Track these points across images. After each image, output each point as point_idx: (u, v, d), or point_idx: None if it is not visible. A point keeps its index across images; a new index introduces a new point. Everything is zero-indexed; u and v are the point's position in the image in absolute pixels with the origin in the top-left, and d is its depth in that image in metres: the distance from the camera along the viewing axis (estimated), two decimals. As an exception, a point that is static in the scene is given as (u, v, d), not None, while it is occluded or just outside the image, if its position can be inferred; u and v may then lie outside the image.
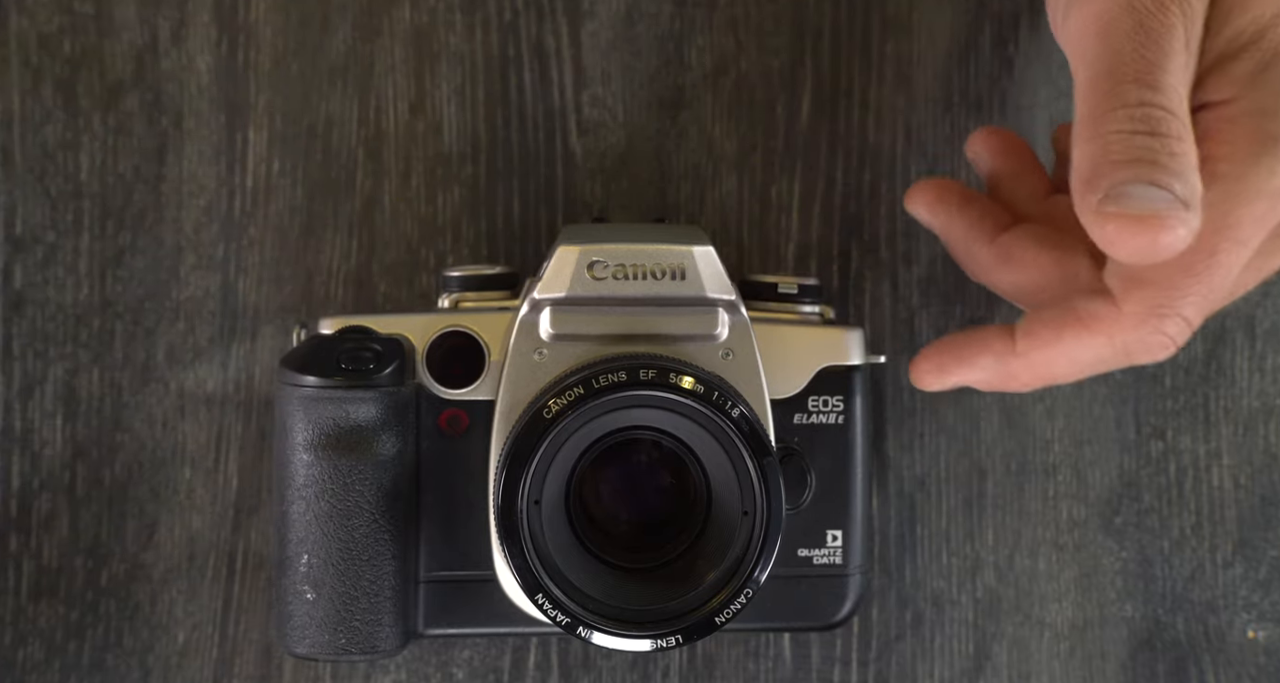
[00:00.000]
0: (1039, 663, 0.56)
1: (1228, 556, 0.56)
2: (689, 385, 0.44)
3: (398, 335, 0.48)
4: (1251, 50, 0.42)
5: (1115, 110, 0.40)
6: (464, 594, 0.49)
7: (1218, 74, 0.43)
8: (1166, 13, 0.41)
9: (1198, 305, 0.43)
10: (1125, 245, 0.39)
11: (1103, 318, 0.44)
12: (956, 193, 0.50)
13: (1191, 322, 0.43)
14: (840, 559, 0.50)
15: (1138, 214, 0.39)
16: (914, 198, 0.50)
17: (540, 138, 0.55)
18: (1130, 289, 0.43)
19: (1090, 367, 0.46)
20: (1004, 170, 0.51)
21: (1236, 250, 0.42)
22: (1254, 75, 0.42)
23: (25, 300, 0.55)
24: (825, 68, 0.56)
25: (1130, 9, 0.41)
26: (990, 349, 0.47)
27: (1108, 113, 0.40)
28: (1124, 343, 0.44)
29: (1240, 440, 0.56)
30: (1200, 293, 0.43)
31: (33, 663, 0.54)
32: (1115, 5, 0.42)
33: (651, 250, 0.47)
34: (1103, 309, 0.44)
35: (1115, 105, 0.40)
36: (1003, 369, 0.47)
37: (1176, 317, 0.43)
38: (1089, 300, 0.44)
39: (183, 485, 0.55)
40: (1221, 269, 0.42)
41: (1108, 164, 0.40)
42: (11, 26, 0.55)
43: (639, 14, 0.56)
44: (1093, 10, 0.42)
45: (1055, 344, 0.45)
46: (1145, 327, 0.43)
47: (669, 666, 0.55)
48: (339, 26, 0.55)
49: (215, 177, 0.55)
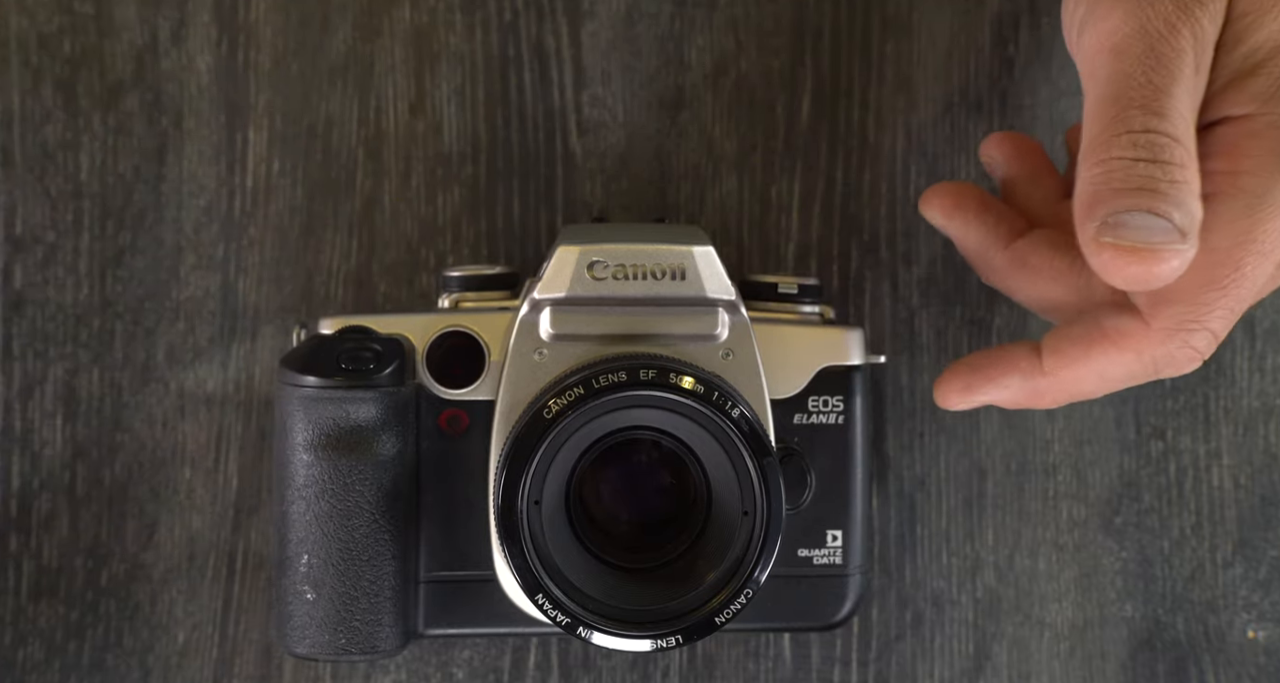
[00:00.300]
0: (1039, 663, 0.56)
1: (1228, 556, 0.56)
2: (689, 385, 0.44)
3: (398, 335, 0.48)
4: (1270, 66, 0.43)
5: (1120, 136, 0.41)
6: (464, 594, 0.49)
7: (1236, 89, 0.43)
8: (1177, 36, 0.42)
9: (1224, 318, 0.43)
10: (1120, 274, 0.40)
11: (1132, 334, 0.44)
12: (973, 198, 0.49)
13: (1218, 334, 0.44)
14: (840, 559, 0.50)
15: (1131, 246, 0.40)
16: (930, 202, 0.50)
17: (540, 138, 0.55)
18: (1158, 305, 0.44)
19: (1118, 383, 0.46)
20: (1019, 175, 0.50)
21: (1261, 262, 0.43)
22: (1275, 91, 0.43)
23: (25, 300, 0.55)
24: (825, 68, 0.56)
25: (1142, 32, 0.42)
26: (1017, 368, 0.47)
27: (1112, 138, 0.41)
28: (1153, 359, 0.44)
29: (1240, 440, 0.56)
30: (1227, 306, 0.43)
31: (33, 663, 0.54)
32: (1127, 27, 0.42)
33: (651, 250, 0.47)
34: (1131, 326, 0.44)
35: (1120, 131, 0.41)
36: (1030, 388, 0.47)
37: (1204, 331, 0.44)
38: (1116, 317, 0.45)
39: (183, 485, 0.55)
40: (1247, 281, 0.43)
41: (1108, 191, 0.40)
42: (11, 26, 0.55)
43: (639, 14, 0.56)
44: (1106, 29, 0.43)
45: (1084, 362, 0.45)
46: (1174, 342, 0.44)
47: (669, 666, 0.55)
48: (339, 26, 0.55)
49: (215, 177, 0.55)
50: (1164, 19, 0.42)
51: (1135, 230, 0.40)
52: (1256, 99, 0.43)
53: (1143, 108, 0.41)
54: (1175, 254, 0.40)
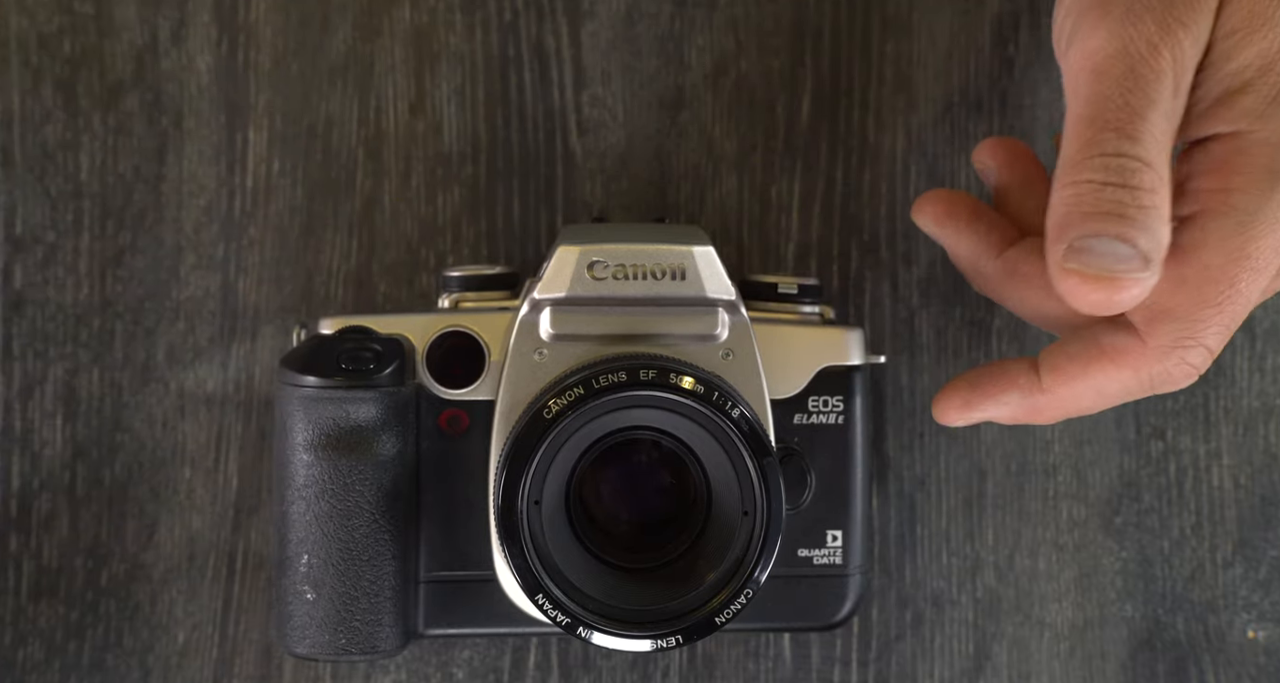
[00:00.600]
0: (1039, 663, 0.56)
1: (1228, 556, 0.56)
2: (689, 386, 0.44)
3: (398, 335, 0.48)
4: (1259, 84, 0.43)
5: (1092, 158, 0.41)
6: (464, 594, 0.49)
7: (1225, 106, 0.43)
8: (1158, 58, 0.42)
9: (1220, 335, 0.44)
10: (1082, 300, 0.41)
11: (1129, 352, 0.45)
12: (965, 206, 0.49)
13: (1214, 350, 0.44)
14: (840, 559, 0.50)
15: (1094, 274, 0.41)
16: (921, 210, 0.50)
17: (540, 138, 0.55)
18: (1154, 322, 0.44)
19: (1116, 399, 0.46)
20: (1012, 182, 0.50)
21: (1255, 278, 0.43)
22: (1264, 108, 0.43)
23: (25, 300, 0.55)
24: (825, 68, 0.56)
25: (1123, 53, 0.42)
26: (1016, 385, 0.47)
27: (1084, 161, 0.42)
28: (1150, 375, 0.45)
29: (1240, 440, 0.56)
30: (1222, 322, 0.44)
31: (33, 663, 0.54)
32: (1110, 47, 0.42)
33: (651, 250, 0.47)
34: (1128, 343, 0.45)
35: (1093, 153, 0.41)
36: (1029, 405, 0.47)
37: (1200, 347, 0.44)
38: (1113, 335, 0.45)
39: (183, 485, 0.55)
40: (1241, 298, 0.43)
41: (1077, 214, 0.41)
42: (11, 26, 0.55)
43: (639, 14, 0.56)
44: (1089, 48, 0.43)
45: (1083, 379, 0.46)
46: (1171, 359, 0.44)
47: (669, 666, 0.55)
48: (339, 26, 0.55)
49: (215, 177, 0.55)
50: (1146, 40, 0.42)
51: (1099, 257, 0.41)
52: (1246, 116, 0.43)
53: (1117, 131, 0.41)
54: (1136, 282, 0.41)
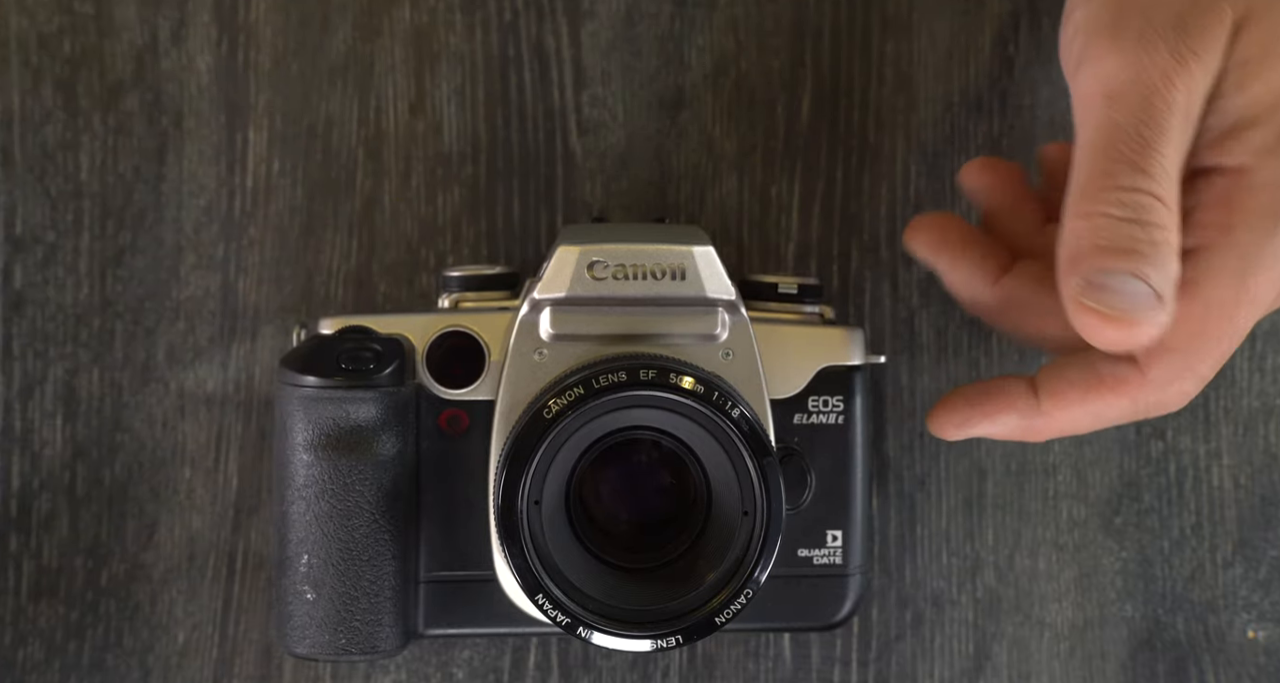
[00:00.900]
0: (1039, 663, 0.56)
1: (1228, 556, 0.56)
2: (689, 385, 0.44)
3: (398, 335, 0.48)
4: (1268, 120, 0.43)
5: (1107, 191, 0.42)
6: (464, 594, 0.49)
7: (1233, 139, 0.43)
8: (1171, 88, 0.42)
9: (1215, 365, 0.45)
10: (1099, 337, 0.42)
11: (1128, 382, 0.45)
12: (956, 232, 0.49)
13: (1207, 378, 0.45)
14: (840, 559, 0.50)
15: (1110, 313, 0.42)
16: (914, 236, 0.50)
17: (540, 138, 0.55)
18: (1155, 356, 0.44)
19: (1111, 422, 0.47)
20: (1000, 205, 0.51)
21: (1254, 312, 0.44)
22: (1273, 144, 0.43)
23: (25, 300, 0.55)
24: (825, 68, 0.56)
25: (1137, 82, 0.42)
26: (1014, 407, 0.47)
27: (1099, 192, 0.42)
28: (1146, 404, 0.46)
29: (1240, 440, 0.56)
30: (1220, 352, 0.44)
31: (33, 663, 0.54)
32: (1123, 74, 0.42)
33: (651, 250, 0.47)
34: (1128, 373, 0.45)
35: (1108, 185, 0.42)
36: (1025, 426, 0.48)
37: (1195, 376, 0.45)
38: (1113, 364, 0.45)
39: (183, 485, 0.55)
40: (1240, 331, 0.44)
41: (1093, 248, 0.42)
42: (11, 26, 0.55)
43: (639, 14, 0.56)
44: (1101, 74, 0.43)
45: (1081, 405, 0.46)
46: (1168, 390, 0.45)
47: (669, 666, 0.55)
48: (339, 26, 0.55)
49: (215, 177, 0.55)
50: (1160, 70, 0.42)
51: (1115, 295, 0.41)
52: (1253, 152, 0.43)
53: (1131, 164, 0.42)
54: (1151, 322, 0.42)
